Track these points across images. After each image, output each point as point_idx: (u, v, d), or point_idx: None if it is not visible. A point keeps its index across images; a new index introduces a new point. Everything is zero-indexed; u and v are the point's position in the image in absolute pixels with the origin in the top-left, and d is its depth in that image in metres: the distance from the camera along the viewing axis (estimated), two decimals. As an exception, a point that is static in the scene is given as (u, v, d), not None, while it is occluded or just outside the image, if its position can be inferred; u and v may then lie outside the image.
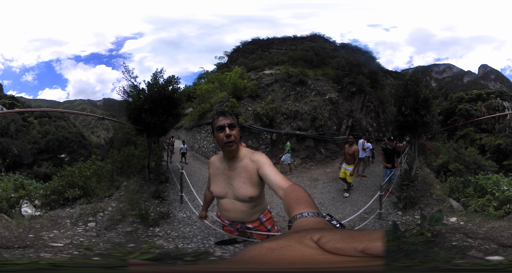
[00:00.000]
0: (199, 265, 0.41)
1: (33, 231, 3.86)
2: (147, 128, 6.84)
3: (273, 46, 28.95)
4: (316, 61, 18.80)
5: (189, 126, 14.94)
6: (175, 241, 4.16)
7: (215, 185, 1.87)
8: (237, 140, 1.66)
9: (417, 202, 5.73)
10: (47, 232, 3.93)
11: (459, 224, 4.58)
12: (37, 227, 4.03)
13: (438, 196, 6.12)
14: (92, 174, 6.48)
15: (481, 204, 4.96)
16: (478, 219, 4.60)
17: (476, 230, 4.10)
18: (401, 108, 7.11)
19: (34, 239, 3.58)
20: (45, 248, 3.24)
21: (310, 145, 11.07)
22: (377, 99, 17.67)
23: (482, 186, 5.56)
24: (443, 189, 6.50)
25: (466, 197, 5.72)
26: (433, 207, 5.66)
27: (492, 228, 4.09)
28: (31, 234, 3.73)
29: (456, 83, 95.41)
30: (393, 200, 5.97)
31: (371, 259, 0.33)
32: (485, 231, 3.97)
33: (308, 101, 12.32)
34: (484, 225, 4.30)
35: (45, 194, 5.62)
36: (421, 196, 5.96)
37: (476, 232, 4.00)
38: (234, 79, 12.45)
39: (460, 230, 4.20)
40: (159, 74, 7.04)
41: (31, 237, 3.64)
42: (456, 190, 6.25)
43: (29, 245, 3.28)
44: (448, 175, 7.66)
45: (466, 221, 4.66)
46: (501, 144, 27.98)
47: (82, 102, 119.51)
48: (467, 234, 3.92)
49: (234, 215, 1.89)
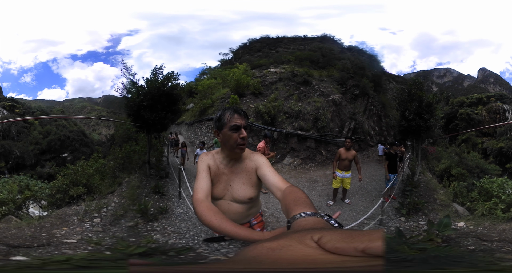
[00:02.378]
0: (200, 265, 0.42)
1: (45, 230, 3.96)
2: (147, 125, 6.83)
3: (282, 45, 28.87)
4: (322, 62, 18.78)
5: (190, 121, 14.98)
6: (169, 236, 4.27)
7: (213, 186, 1.81)
8: (247, 142, 1.61)
9: (421, 207, 5.65)
10: (58, 229, 4.05)
11: (469, 229, 4.54)
12: (47, 225, 4.14)
13: (442, 201, 6.06)
14: (94, 171, 6.53)
15: (488, 208, 4.93)
16: (487, 223, 4.56)
17: (489, 233, 4.05)
18: (404, 112, 7.07)
19: (49, 237, 3.68)
20: (62, 245, 3.34)
21: (311, 146, 11.02)
22: (380, 102, 17.64)
23: (487, 189, 5.52)
24: (447, 194, 6.44)
25: (471, 202, 5.68)
26: (438, 212, 5.60)
27: (504, 230, 4.07)
28: (44, 233, 3.83)
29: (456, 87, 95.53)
30: (395, 206, 5.85)
31: (371, 259, 0.34)
32: (499, 234, 3.93)
33: (312, 101, 12.29)
34: (495, 227, 4.27)
35: (51, 194, 5.70)
36: (425, 201, 5.89)
37: (490, 235, 3.95)
38: (238, 75, 12.41)
39: (471, 234, 4.14)
40: (158, 70, 7.01)
41: (44, 235, 3.74)
42: (460, 195, 6.21)
43: (45, 243, 3.35)
44: (451, 180, 7.62)
45: (475, 225, 4.62)
46: (503, 147, 27.88)
47: (82, 100, 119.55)
48: (481, 237, 3.86)
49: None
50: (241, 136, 1.55)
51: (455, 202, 6.07)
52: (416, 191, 6.35)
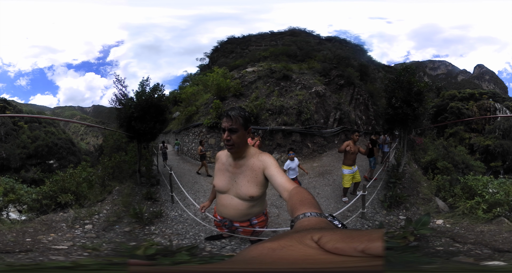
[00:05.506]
0: (200, 265, 0.42)
1: (28, 235, 3.90)
2: (137, 135, 7.10)
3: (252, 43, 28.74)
4: (300, 55, 18.58)
5: (177, 129, 15.01)
6: (170, 238, 4.36)
7: (218, 179, 1.89)
8: (237, 143, 1.68)
9: (403, 201, 5.59)
10: (44, 235, 3.98)
11: (445, 227, 4.50)
12: (30, 231, 4.07)
13: (425, 195, 6.04)
14: (83, 180, 6.62)
15: (470, 206, 4.85)
16: (466, 222, 4.51)
17: (464, 234, 4.01)
18: (391, 100, 6.81)
19: (33, 243, 3.63)
20: (50, 251, 3.30)
21: (297, 140, 11.04)
22: (367, 92, 17.65)
23: (471, 187, 5.45)
24: (430, 188, 6.44)
25: (453, 197, 5.65)
26: (419, 206, 5.57)
27: (481, 232, 4.03)
28: (28, 238, 3.77)
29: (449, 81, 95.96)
30: (381, 198, 5.79)
31: (371, 259, 0.34)
32: (476, 235, 3.88)
33: (294, 95, 12.27)
34: (472, 228, 4.23)
35: (37, 199, 5.65)
36: (408, 195, 5.84)
37: (465, 236, 3.91)
38: (217, 79, 12.48)
39: (446, 233, 4.11)
40: (145, 82, 7.31)
41: (29, 241, 3.68)
42: (443, 189, 6.18)
43: (30, 249, 3.31)
44: (435, 173, 7.61)
45: (452, 223, 4.58)
46: (490, 145, 28.03)
47: (72, 109, 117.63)
48: (455, 238, 3.82)
49: (228, 212, 1.92)
50: (224, 138, 1.67)
51: (438, 196, 6.03)
52: (400, 183, 6.26)
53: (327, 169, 9.15)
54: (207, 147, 11.11)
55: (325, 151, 11.56)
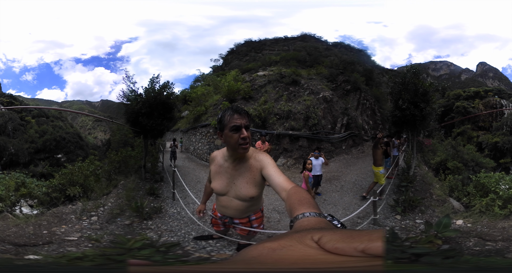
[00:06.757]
0: (200, 265, 0.42)
1: (44, 228, 4.04)
2: (144, 131, 7.15)
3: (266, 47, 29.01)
4: (309, 60, 18.79)
5: (185, 128, 15.20)
6: (161, 234, 4.42)
7: (216, 182, 1.85)
8: (250, 141, 1.61)
9: (417, 204, 5.44)
10: (57, 227, 4.14)
11: (468, 227, 4.41)
12: (44, 224, 4.21)
13: (439, 196, 5.93)
14: (90, 173, 6.73)
15: (486, 204, 4.77)
16: (485, 220, 4.44)
17: (489, 232, 3.93)
18: (398, 102, 6.74)
19: (50, 235, 3.76)
20: (65, 243, 3.45)
21: (304, 145, 10.99)
22: (373, 96, 17.68)
23: (483, 184, 5.38)
24: (443, 189, 6.32)
25: (466, 196, 5.56)
26: (435, 208, 5.46)
27: (503, 228, 3.97)
28: (44, 231, 3.91)
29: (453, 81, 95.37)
30: (390, 203, 5.67)
31: (371, 259, 0.34)
32: (501, 232, 3.82)
33: (302, 100, 12.31)
34: (493, 225, 4.17)
35: (47, 192, 5.76)
36: (422, 198, 5.70)
37: (491, 234, 3.83)
38: (229, 82, 12.65)
39: (471, 233, 4.00)
40: (155, 79, 7.35)
41: (45, 233, 3.83)
42: (456, 189, 6.11)
43: (50, 241, 3.44)
44: (447, 173, 7.48)
45: (473, 223, 4.49)
46: (498, 142, 27.77)
47: (80, 103, 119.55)
48: (483, 237, 3.73)
49: (229, 212, 1.96)
50: (242, 136, 1.54)
51: (451, 196, 5.95)
52: (412, 186, 6.19)
53: (335, 175, 8.95)
54: (213, 148, 11.15)
55: (332, 156, 11.47)
